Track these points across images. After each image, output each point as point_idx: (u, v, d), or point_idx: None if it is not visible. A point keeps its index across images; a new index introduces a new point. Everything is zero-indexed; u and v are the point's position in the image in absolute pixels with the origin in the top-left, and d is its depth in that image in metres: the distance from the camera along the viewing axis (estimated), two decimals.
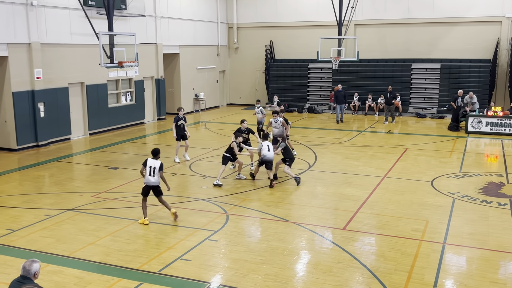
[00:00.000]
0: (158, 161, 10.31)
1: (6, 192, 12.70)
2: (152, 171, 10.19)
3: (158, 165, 10.18)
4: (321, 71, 28.82)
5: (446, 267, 8.29)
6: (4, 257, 8.72)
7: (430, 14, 26.34)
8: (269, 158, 13.04)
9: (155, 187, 10.30)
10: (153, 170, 10.18)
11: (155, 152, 10.42)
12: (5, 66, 17.04)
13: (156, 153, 10.40)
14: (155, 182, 10.24)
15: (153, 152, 10.46)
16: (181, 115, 15.74)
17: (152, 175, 10.20)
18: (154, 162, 10.26)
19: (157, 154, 10.39)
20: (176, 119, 15.68)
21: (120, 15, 20.78)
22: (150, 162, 10.24)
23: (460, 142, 19.11)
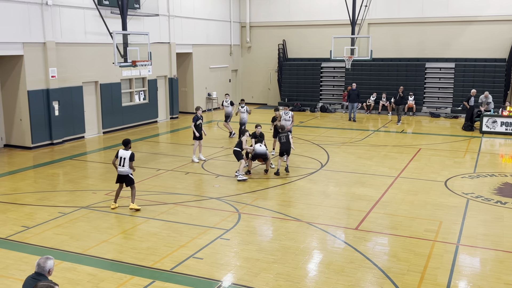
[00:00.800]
0: (128, 151, 10.72)
1: (21, 189, 12.85)
2: (122, 161, 10.63)
3: (128, 155, 10.62)
4: (334, 70, 28.71)
5: (460, 268, 8.22)
6: (19, 253, 8.83)
7: (444, 13, 26.10)
8: (260, 151, 13.89)
9: (125, 176, 10.70)
10: (123, 160, 10.63)
11: (126, 143, 10.83)
12: (20, 65, 17.24)
13: (126, 144, 10.81)
14: (125, 172, 10.67)
15: (123, 142, 10.87)
16: (199, 114, 15.87)
17: (122, 165, 10.66)
18: (124, 153, 10.71)
19: (127, 144, 10.80)
20: (195, 119, 15.74)
21: (134, 14, 20.91)
22: (121, 153, 10.72)
23: (474, 142, 18.92)
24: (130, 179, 10.83)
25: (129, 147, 10.85)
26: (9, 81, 17.61)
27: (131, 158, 10.66)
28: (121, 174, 10.81)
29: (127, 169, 10.68)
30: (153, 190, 12.72)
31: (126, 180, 10.85)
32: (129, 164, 10.61)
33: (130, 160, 10.62)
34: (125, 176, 10.79)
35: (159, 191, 12.59)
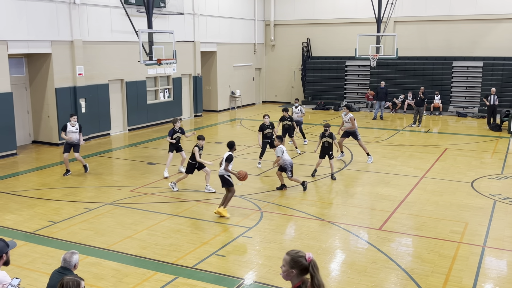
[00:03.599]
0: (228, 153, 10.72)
1: (48, 185, 13.11)
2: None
3: (226, 156, 10.60)
4: (359, 68, 28.46)
5: (486, 270, 8.06)
6: (45, 248, 9.02)
7: (472, 11, 25.59)
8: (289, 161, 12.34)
9: (220, 176, 10.64)
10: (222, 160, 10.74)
11: (230, 145, 10.92)
12: (48, 62, 17.58)
13: (231, 146, 10.90)
14: (220, 172, 10.66)
15: (228, 145, 10.97)
16: (177, 127, 14.02)
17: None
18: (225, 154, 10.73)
19: (232, 147, 10.89)
20: (171, 132, 13.96)
21: (159, 13, 21.09)
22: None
23: (502, 142, 18.53)
24: (225, 180, 10.60)
25: (233, 149, 10.86)
26: (37, 78, 17.98)
27: (227, 159, 10.54)
28: (219, 174, 10.75)
29: (222, 170, 10.60)
30: (176, 187, 12.81)
31: (221, 180, 10.67)
32: (224, 165, 10.50)
33: (226, 161, 10.50)
34: (220, 176, 10.65)
35: (183, 188, 12.68)
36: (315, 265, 3.92)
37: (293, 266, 3.92)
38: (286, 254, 4.00)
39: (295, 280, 3.96)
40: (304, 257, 3.93)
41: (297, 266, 3.92)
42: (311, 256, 3.95)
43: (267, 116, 15.10)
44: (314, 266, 3.91)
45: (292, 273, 3.93)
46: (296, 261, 3.92)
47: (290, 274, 3.95)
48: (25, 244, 9.16)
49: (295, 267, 3.92)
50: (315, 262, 3.94)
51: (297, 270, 3.92)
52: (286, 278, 4.01)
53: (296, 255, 3.96)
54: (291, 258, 3.95)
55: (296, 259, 3.93)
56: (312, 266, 3.91)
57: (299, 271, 3.92)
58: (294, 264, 3.92)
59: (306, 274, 3.93)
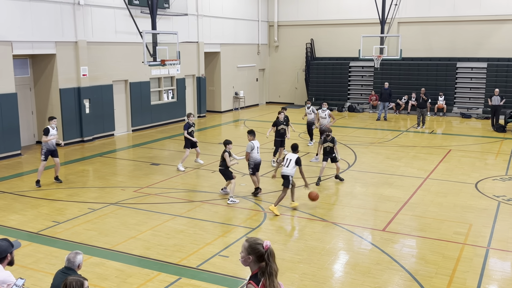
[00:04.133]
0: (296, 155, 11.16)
1: (52, 185, 13.15)
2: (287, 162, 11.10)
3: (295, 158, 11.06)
4: (363, 69, 28.43)
5: (490, 272, 8.04)
6: (49, 248, 9.04)
7: (477, 12, 25.53)
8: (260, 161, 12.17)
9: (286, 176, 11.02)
10: (288, 162, 11.10)
11: (294, 148, 11.30)
12: (53, 63, 17.63)
13: (295, 148, 11.28)
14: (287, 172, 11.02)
15: (292, 147, 11.34)
16: (191, 121, 14.75)
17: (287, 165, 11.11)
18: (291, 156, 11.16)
19: (296, 149, 11.27)
20: (187, 126, 14.61)
21: (163, 14, 21.13)
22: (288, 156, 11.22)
23: (506, 143, 18.46)
24: (288, 181, 10.99)
25: (297, 151, 11.23)
26: (42, 79, 18.04)
27: (297, 162, 10.97)
28: (283, 174, 11.04)
29: (290, 171, 10.97)
30: (180, 187, 12.85)
31: (284, 179, 11.07)
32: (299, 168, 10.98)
33: (296, 164, 10.97)
34: (286, 176, 11.02)
35: (186, 189, 12.70)
36: (271, 253, 4.10)
37: (250, 252, 4.10)
38: (245, 241, 4.18)
39: (253, 266, 4.14)
40: (262, 244, 4.11)
41: (254, 252, 4.09)
42: (268, 244, 4.12)
43: (282, 112, 15.00)
44: (270, 254, 4.10)
45: (249, 259, 4.11)
46: (254, 248, 4.10)
47: (247, 260, 4.13)
48: (29, 244, 9.19)
49: (252, 253, 4.10)
50: (272, 250, 4.11)
51: (254, 256, 4.10)
52: (244, 264, 4.18)
53: (254, 242, 4.14)
54: (249, 244, 4.13)
55: (254, 246, 4.11)
56: (268, 254, 4.09)
57: (256, 257, 4.10)
58: (251, 251, 4.10)
59: (263, 261, 4.10)
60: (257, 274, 4.11)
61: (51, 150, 13.04)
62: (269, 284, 4.08)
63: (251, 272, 4.16)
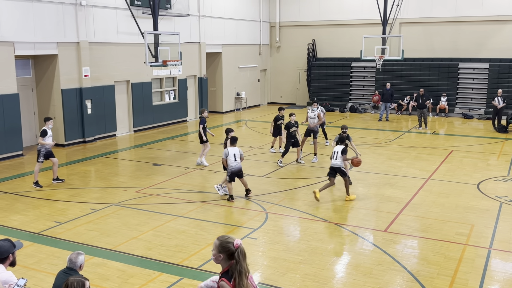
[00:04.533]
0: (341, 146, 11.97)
1: (54, 186, 13.16)
2: (335, 154, 11.90)
3: (340, 150, 11.84)
4: (364, 70, 28.41)
5: (492, 273, 8.02)
6: (51, 248, 9.05)
7: (479, 12, 25.50)
8: (236, 168, 11.65)
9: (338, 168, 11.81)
10: (336, 154, 11.89)
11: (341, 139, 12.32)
12: (55, 64, 17.66)
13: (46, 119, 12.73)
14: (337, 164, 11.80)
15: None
16: (205, 116, 15.37)
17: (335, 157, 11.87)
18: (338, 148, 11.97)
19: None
20: (203, 121, 15.10)
21: (165, 14, 21.14)
22: (336, 148, 11.99)
23: (508, 144, 18.43)
24: (343, 171, 11.79)
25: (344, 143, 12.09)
26: (44, 80, 18.07)
27: (344, 151, 11.77)
28: (333, 166, 11.82)
29: (340, 163, 11.74)
30: (181, 188, 12.85)
31: (339, 171, 11.81)
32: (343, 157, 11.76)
33: (343, 153, 11.76)
34: (338, 168, 11.78)
35: (188, 189, 12.71)
36: (241, 251, 4.21)
37: (220, 250, 4.21)
38: (216, 239, 4.28)
39: (224, 264, 4.25)
40: (232, 243, 4.21)
41: (224, 251, 4.20)
42: (239, 242, 4.22)
43: (294, 115, 15.29)
44: (241, 253, 4.20)
45: (220, 257, 4.22)
46: (224, 246, 4.21)
47: (218, 258, 4.24)
48: (31, 244, 9.20)
49: (222, 251, 4.21)
50: (242, 249, 4.21)
51: (225, 254, 4.20)
52: (216, 262, 4.29)
53: (225, 240, 4.23)
54: (220, 243, 4.24)
55: (224, 245, 4.21)
56: (239, 252, 4.19)
57: (226, 256, 4.20)
58: (222, 249, 4.21)
59: (233, 259, 4.20)
60: (228, 271, 4.21)
61: (49, 151, 13.05)
62: (238, 282, 4.15)
63: (221, 269, 4.27)
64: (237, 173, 11.73)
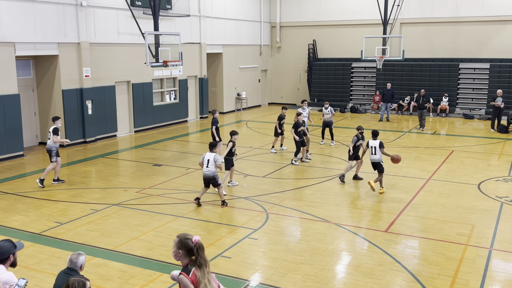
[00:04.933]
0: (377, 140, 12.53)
1: (55, 186, 13.17)
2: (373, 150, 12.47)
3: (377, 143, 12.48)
4: (365, 70, 28.41)
5: (493, 273, 8.02)
6: (52, 249, 9.05)
7: (479, 12, 25.50)
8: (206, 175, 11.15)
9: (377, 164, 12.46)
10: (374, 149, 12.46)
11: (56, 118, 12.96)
12: (55, 64, 17.67)
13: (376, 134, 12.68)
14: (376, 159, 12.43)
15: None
16: (216, 116, 15.53)
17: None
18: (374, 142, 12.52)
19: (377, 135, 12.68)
20: (216, 122, 15.33)
21: (166, 15, 21.15)
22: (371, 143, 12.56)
23: (509, 144, 18.42)
24: (381, 166, 12.34)
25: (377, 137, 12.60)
26: (44, 80, 18.08)
27: (381, 145, 12.35)
28: (373, 161, 12.38)
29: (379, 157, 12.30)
30: (182, 188, 12.86)
31: (377, 166, 12.37)
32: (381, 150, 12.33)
33: (380, 147, 12.28)
34: (377, 163, 12.35)
35: (189, 190, 12.71)
36: (200, 247, 4.48)
37: (180, 247, 4.47)
38: (176, 237, 4.53)
39: (184, 260, 4.51)
40: (191, 239, 4.47)
41: (183, 247, 4.47)
42: (197, 239, 4.49)
43: (301, 115, 15.76)
44: (199, 248, 4.47)
45: (179, 254, 4.48)
46: (183, 243, 4.48)
47: (178, 255, 4.49)
48: (32, 245, 9.20)
49: (182, 248, 4.47)
50: (200, 244, 4.48)
51: (184, 250, 4.47)
52: (176, 259, 4.55)
53: (184, 237, 4.50)
54: (179, 240, 4.50)
55: (183, 241, 4.48)
56: (197, 248, 4.46)
57: (186, 251, 4.47)
58: (181, 245, 4.47)
59: (193, 255, 4.47)
60: (187, 265, 4.47)
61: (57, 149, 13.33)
62: (201, 274, 4.42)
63: (182, 265, 4.51)
64: (206, 180, 11.16)
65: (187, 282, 4.40)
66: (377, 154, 12.29)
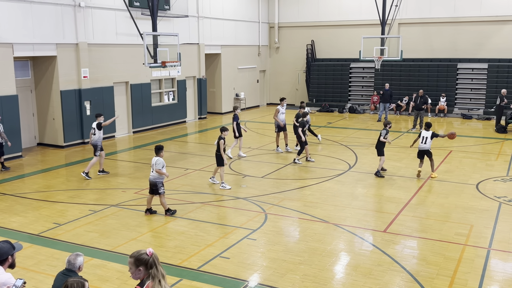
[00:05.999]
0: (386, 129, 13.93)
1: (53, 187, 13.16)
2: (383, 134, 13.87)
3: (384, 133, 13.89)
4: (363, 70, 28.43)
5: (491, 273, 8.03)
6: (50, 250, 9.04)
7: (477, 13, 25.53)
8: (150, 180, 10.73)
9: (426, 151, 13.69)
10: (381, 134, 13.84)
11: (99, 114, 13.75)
12: (54, 65, 17.65)
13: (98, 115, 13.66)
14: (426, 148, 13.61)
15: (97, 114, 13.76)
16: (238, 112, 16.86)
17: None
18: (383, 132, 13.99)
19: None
20: (237, 118, 16.61)
21: (164, 15, 21.14)
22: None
23: (507, 144, 18.45)
24: (430, 153, 13.64)
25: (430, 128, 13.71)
26: (43, 81, 18.06)
27: (433, 136, 13.51)
28: (421, 149, 13.60)
29: (428, 146, 13.50)
30: (181, 189, 12.85)
31: (427, 154, 13.61)
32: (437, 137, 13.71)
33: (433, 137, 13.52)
34: (425, 151, 13.55)
35: (187, 190, 12.71)
36: (155, 257, 4.43)
37: (138, 264, 4.38)
38: (130, 257, 4.45)
39: (142, 275, 4.41)
40: (146, 253, 4.41)
41: (142, 263, 4.38)
42: (151, 250, 4.45)
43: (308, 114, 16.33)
44: (155, 258, 4.43)
45: (139, 271, 4.38)
46: (140, 259, 4.39)
47: (137, 273, 4.39)
48: (30, 246, 9.19)
49: (141, 264, 4.38)
50: (155, 254, 4.44)
51: (143, 266, 4.38)
52: (135, 278, 4.43)
53: (138, 254, 4.42)
54: (135, 259, 4.41)
55: (139, 257, 4.40)
56: (154, 259, 4.41)
57: (145, 266, 4.38)
58: (140, 262, 4.38)
59: (151, 268, 4.39)
60: (143, 279, 4.39)
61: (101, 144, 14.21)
62: (155, 285, 4.35)
63: (139, 281, 4.41)
64: (150, 185, 10.78)
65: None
66: (427, 144, 13.51)
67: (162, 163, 10.59)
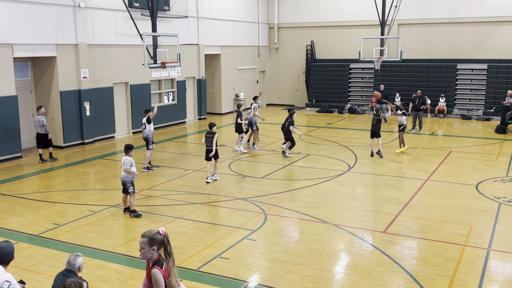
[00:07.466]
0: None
1: (53, 188, 13.16)
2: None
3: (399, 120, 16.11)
4: (363, 71, 28.45)
5: (491, 273, 8.03)
6: (50, 250, 9.04)
7: (477, 13, 25.55)
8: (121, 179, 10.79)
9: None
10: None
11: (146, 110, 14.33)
12: (53, 66, 17.66)
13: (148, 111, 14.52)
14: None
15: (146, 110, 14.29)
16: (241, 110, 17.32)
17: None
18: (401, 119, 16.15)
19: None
20: (240, 115, 17.04)
21: (164, 16, 21.16)
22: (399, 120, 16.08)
23: (507, 145, 18.46)
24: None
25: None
26: (42, 81, 18.06)
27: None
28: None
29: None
30: (180, 189, 12.86)
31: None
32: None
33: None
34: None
35: (187, 191, 12.71)
36: (167, 237, 4.62)
37: (152, 244, 4.55)
38: (142, 237, 4.59)
39: (155, 254, 4.60)
40: (158, 232, 4.59)
41: (156, 242, 4.56)
42: (163, 229, 4.64)
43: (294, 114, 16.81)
44: (167, 238, 4.62)
45: (153, 251, 4.56)
46: (154, 239, 4.56)
47: (151, 252, 4.56)
48: (30, 246, 9.19)
49: (154, 244, 4.56)
50: (167, 234, 4.63)
51: (157, 246, 4.57)
52: (146, 258, 4.60)
53: (152, 234, 4.58)
54: (149, 238, 4.56)
55: (153, 237, 4.56)
56: (166, 238, 4.61)
57: (158, 246, 4.58)
58: (153, 242, 4.55)
59: (165, 246, 4.60)
60: (159, 259, 4.58)
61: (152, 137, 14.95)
62: (172, 262, 4.60)
63: (152, 261, 4.59)
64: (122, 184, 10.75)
65: (160, 277, 4.50)
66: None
67: (130, 162, 10.65)
